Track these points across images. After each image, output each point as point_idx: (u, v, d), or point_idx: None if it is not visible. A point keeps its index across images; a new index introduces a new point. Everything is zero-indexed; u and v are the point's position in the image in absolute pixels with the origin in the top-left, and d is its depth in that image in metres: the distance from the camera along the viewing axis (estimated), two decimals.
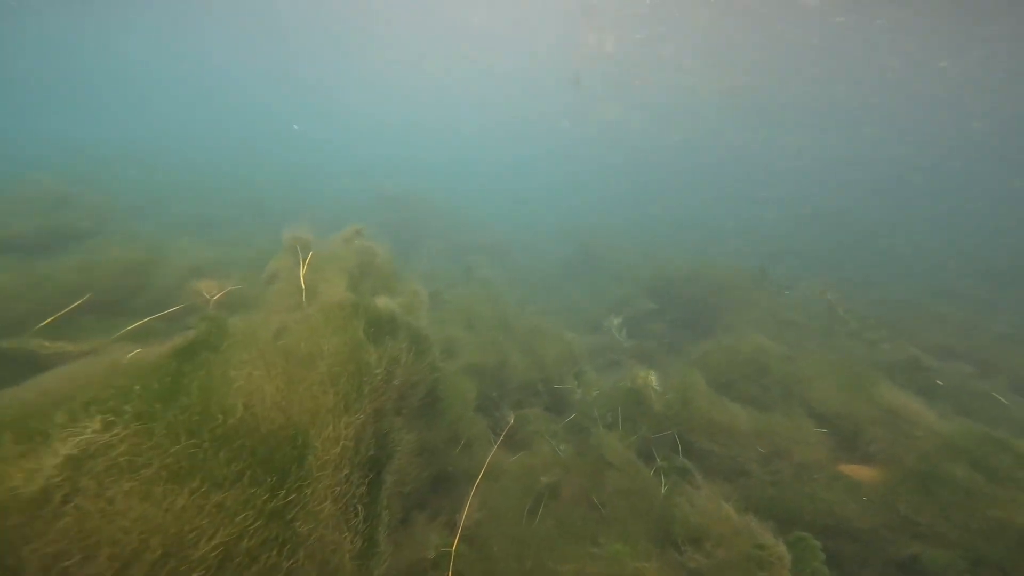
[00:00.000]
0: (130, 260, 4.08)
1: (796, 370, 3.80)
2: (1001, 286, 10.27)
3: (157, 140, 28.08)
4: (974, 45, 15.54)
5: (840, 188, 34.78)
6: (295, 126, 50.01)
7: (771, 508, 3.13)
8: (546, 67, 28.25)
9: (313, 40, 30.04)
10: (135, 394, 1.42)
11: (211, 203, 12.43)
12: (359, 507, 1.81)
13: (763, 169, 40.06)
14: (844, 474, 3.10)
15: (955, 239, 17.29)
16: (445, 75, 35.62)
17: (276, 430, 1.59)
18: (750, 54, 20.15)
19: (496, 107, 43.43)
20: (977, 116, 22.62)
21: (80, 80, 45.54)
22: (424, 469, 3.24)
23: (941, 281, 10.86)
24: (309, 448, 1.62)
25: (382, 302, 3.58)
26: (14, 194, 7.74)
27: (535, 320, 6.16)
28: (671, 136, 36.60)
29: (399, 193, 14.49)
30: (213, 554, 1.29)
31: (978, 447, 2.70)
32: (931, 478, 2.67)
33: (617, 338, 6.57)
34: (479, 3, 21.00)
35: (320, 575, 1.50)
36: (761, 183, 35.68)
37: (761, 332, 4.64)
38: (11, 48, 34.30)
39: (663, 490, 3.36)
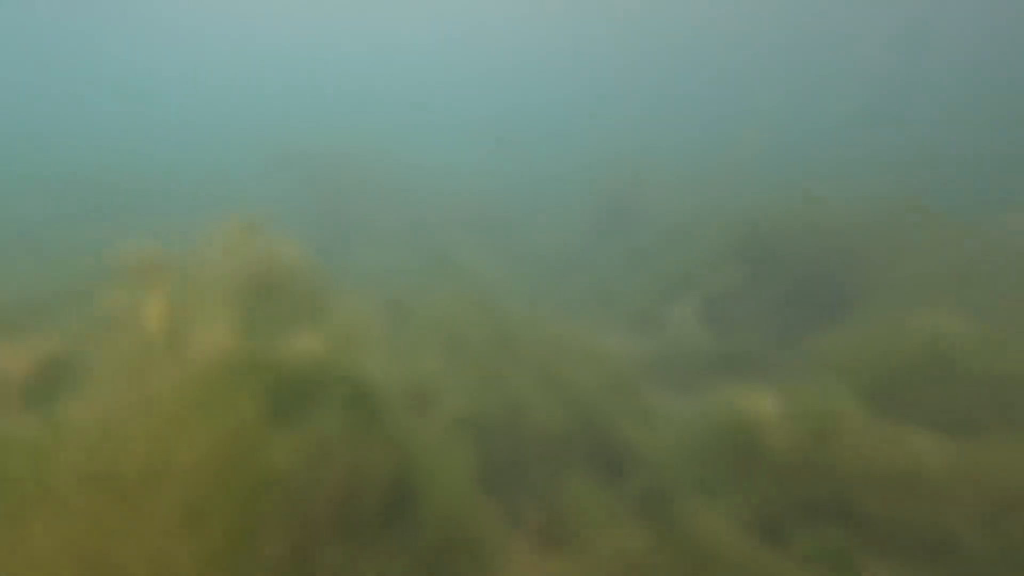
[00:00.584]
0: None
1: (1010, 363, 3.38)
2: None
3: None
4: None
5: None
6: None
7: None
8: None
9: None
10: None
11: (38, 199, 11.92)
12: None
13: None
14: None
15: None
16: None
17: None
18: None
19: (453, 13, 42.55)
20: None
21: None
22: None
23: None
24: None
25: (298, 342, 3.22)
26: None
27: (554, 326, 5.87)
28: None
29: (332, 156, 14.04)
30: None
31: None
32: None
33: (690, 336, 6.22)
34: None
35: None
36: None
37: (931, 300, 4.18)
38: None
39: None
